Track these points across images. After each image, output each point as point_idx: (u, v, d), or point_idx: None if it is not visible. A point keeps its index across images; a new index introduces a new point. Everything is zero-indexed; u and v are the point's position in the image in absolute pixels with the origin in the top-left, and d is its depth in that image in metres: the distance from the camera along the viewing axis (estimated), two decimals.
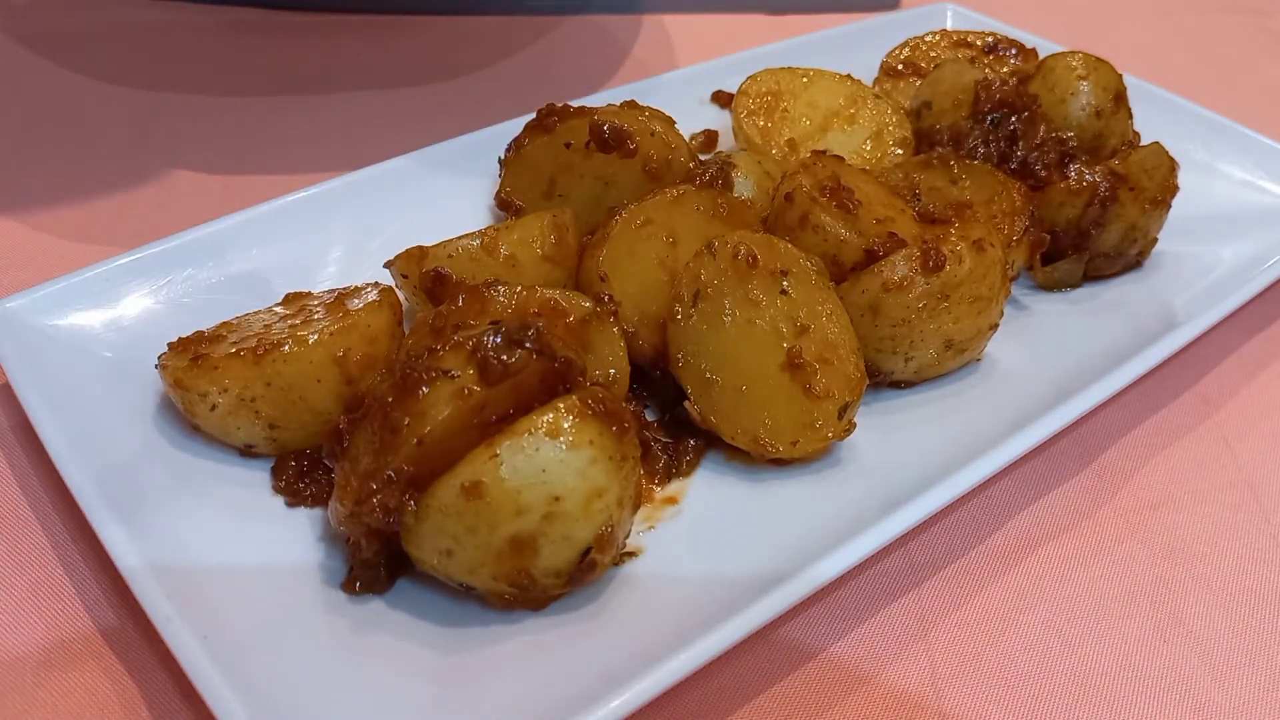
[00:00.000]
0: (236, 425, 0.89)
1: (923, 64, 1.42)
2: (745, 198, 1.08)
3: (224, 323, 0.96)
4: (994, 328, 1.04)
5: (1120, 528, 0.98)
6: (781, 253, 0.96)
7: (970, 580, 0.92)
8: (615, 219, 1.00)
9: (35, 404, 0.89)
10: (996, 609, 0.90)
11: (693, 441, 0.96)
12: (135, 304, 1.02)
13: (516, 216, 1.11)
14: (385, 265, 1.01)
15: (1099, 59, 1.25)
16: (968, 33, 1.48)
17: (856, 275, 0.99)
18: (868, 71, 1.42)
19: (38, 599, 0.85)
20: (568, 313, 0.90)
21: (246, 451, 0.91)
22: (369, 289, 0.95)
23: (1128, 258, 1.19)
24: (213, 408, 0.88)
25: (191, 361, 0.88)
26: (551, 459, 0.75)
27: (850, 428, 0.94)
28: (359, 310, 0.92)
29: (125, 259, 1.03)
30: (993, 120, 1.19)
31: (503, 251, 0.98)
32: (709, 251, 0.95)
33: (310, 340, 0.88)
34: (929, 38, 1.46)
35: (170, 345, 0.92)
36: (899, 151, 1.23)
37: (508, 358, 0.77)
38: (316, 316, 0.92)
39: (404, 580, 0.83)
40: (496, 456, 0.75)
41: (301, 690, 0.74)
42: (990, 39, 1.46)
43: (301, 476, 0.90)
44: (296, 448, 0.91)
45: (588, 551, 0.78)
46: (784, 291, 0.94)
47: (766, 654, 0.85)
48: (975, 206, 1.10)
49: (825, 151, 1.13)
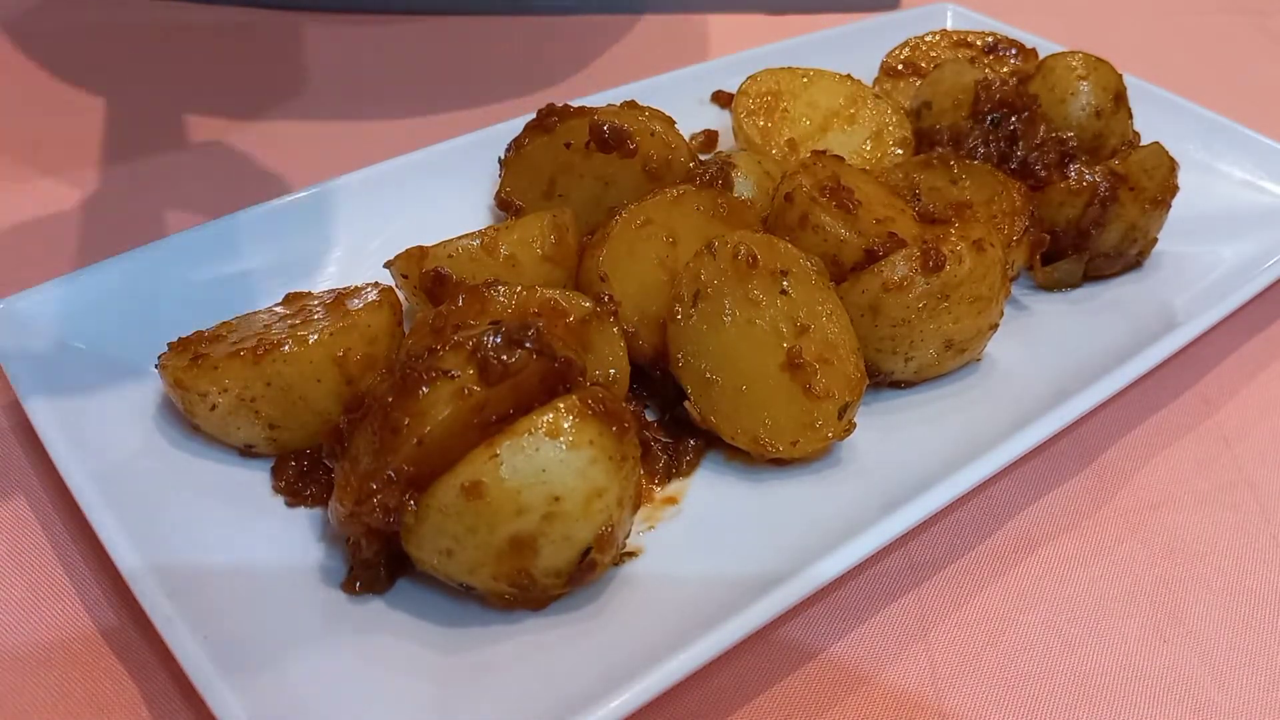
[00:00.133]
0: (236, 425, 0.89)
1: (923, 64, 1.42)
2: (745, 198, 1.08)
3: (224, 323, 0.96)
4: (994, 328, 1.04)
5: (1120, 528, 0.98)
6: (781, 253, 0.96)
7: (970, 580, 0.92)
8: (615, 219, 1.00)
9: (35, 404, 0.89)
10: (996, 609, 0.90)
11: (693, 441, 0.96)
12: (135, 304, 1.02)
13: (516, 216, 1.11)
14: (385, 265, 1.01)
15: (1099, 59, 1.25)
16: (968, 33, 1.48)
17: (856, 275, 0.99)
18: (868, 71, 1.42)
19: (38, 599, 0.85)
20: (568, 313, 0.90)
21: (246, 451, 0.91)
22: (369, 289, 0.95)
23: (1128, 258, 1.19)
24: (213, 408, 0.88)
25: (191, 361, 0.88)
26: (551, 459, 0.75)
27: (850, 428, 0.94)
28: (359, 310, 0.92)
29: (125, 259, 1.03)
30: (993, 120, 1.19)
31: (503, 251, 0.98)
32: (709, 251, 0.95)
33: (310, 340, 0.88)
34: (929, 38, 1.46)
35: (170, 345, 0.92)
36: (899, 151, 1.23)
37: (508, 358, 0.77)
38: (316, 316, 0.93)
39: (404, 580, 0.83)
40: (496, 456, 0.75)
41: (301, 690, 0.74)
42: (990, 39, 1.46)
43: (301, 476, 0.90)
44: (296, 448, 0.91)
45: (588, 551, 0.78)
46: (784, 291, 0.94)
47: (766, 654, 0.85)
48: (975, 206, 1.10)
49: (825, 151, 1.12)
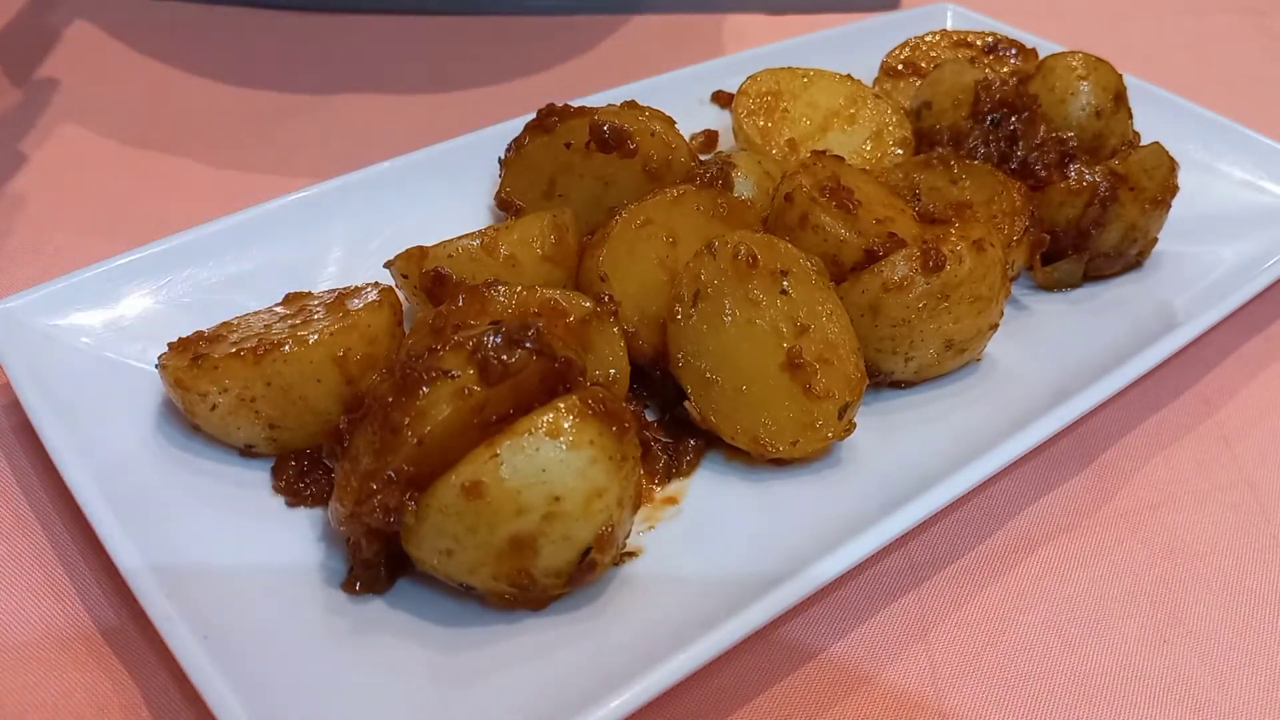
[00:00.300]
0: (236, 425, 0.89)
1: (923, 64, 1.42)
2: (745, 198, 1.08)
3: (224, 323, 0.96)
4: (994, 328, 1.04)
5: (1120, 528, 0.98)
6: (781, 253, 0.96)
7: (970, 580, 0.92)
8: (615, 219, 1.00)
9: (35, 404, 0.89)
10: (996, 609, 0.90)
11: (693, 441, 0.96)
12: (135, 304, 1.02)
13: (516, 216, 1.11)
14: (385, 265, 1.01)
15: (1099, 59, 1.24)
16: (968, 33, 1.48)
17: (856, 275, 0.99)
18: (868, 71, 1.42)
19: (38, 599, 0.85)
20: (568, 313, 0.90)
21: (246, 451, 0.91)
22: (369, 289, 0.95)
23: (1128, 258, 1.19)
24: (213, 408, 0.88)
25: (191, 361, 0.88)
26: (551, 459, 0.75)
27: (850, 428, 0.94)
28: (359, 310, 0.92)
29: (125, 259, 1.03)
30: (993, 120, 1.19)
31: (503, 251, 0.98)
32: (709, 251, 0.95)
33: (310, 340, 0.88)
34: (929, 38, 1.46)
35: (170, 345, 0.92)
36: (899, 151, 1.23)
37: (508, 358, 0.77)
38: (316, 316, 0.92)
39: (404, 580, 0.83)
40: (496, 456, 0.75)
41: (301, 690, 0.74)
42: (990, 39, 1.46)
43: (301, 476, 0.89)
44: (296, 448, 0.91)
45: (588, 551, 0.78)
46: (784, 291, 0.94)
47: (766, 654, 0.85)
48: (975, 206, 1.10)
49: (825, 151, 1.12)
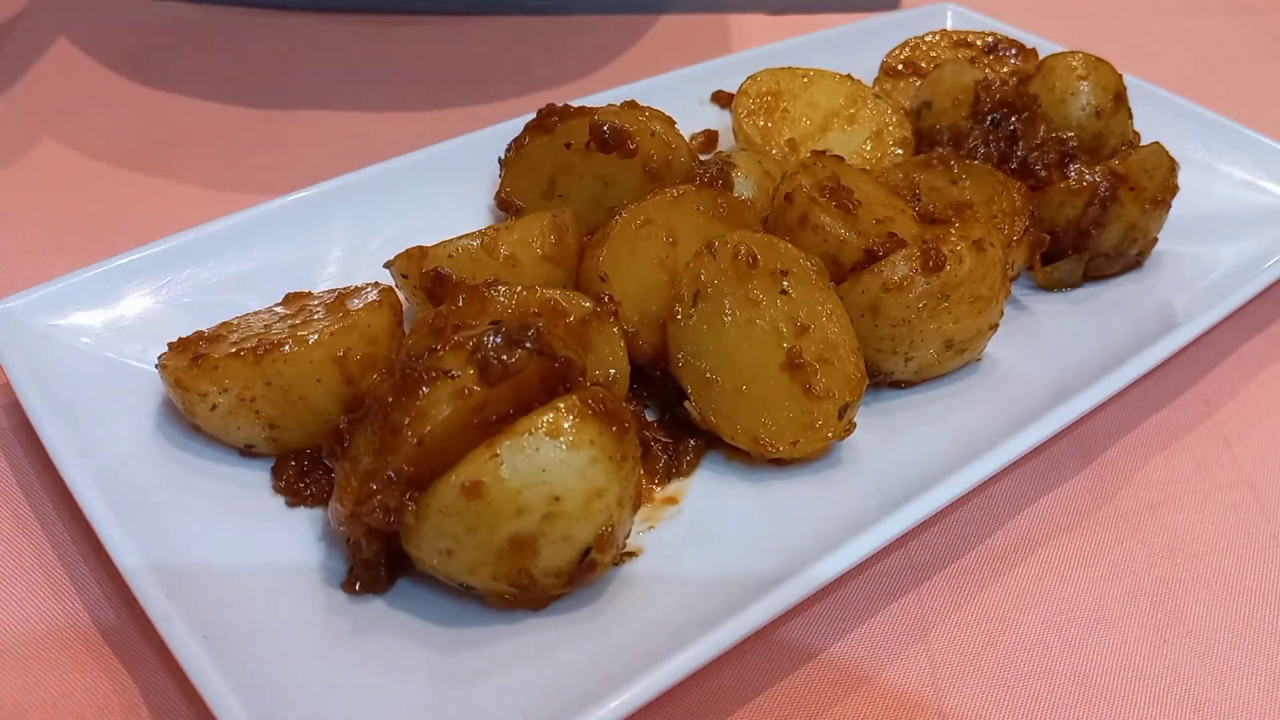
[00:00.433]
0: (236, 425, 0.89)
1: (923, 64, 1.42)
2: (745, 198, 1.08)
3: (224, 323, 0.96)
4: (994, 328, 1.04)
5: (1120, 528, 0.98)
6: (781, 253, 0.96)
7: (970, 580, 0.92)
8: (615, 219, 1.00)
9: (35, 404, 0.89)
10: (996, 609, 0.90)
11: (693, 441, 0.96)
12: (135, 304, 1.02)
13: (516, 216, 1.11)
14: (385, 265, 1.01)
15: (1099, 59, 1.24)
16: (968, 33, 1.48)
17: (856, 275, 0.99)
18: (868, 71, 1.42)
19: (38, 599, 0.85)
20: (568, 313, 0.90)
21: (246, 451, 0.91)
22: (369, 289, 0.95)
23: (1128, 258, 1.19)
24: (213, 408, 0.88)
25: (191, 361, 0.88)
26: (551, 459, 0.75)
27: (850, 428, 0.94)
28: (359, 310, 0.92)
29: (125, 259, 1.03)
30: (993, 120, 1.19)
31: (503, 251, 0.98)
32: (709, 251, 0.95)
33: (310, 340, 0.88)
34: (929, 38, 1.46)
35: (170, 345, 0.92)
36: (899, 151, 1.23)
37: (508, 358, 0.77)
38: (316, 316, 0.93)
39: (404, 580, 0.83)
40: (496, 456, 0.75)
41: (301, 690, 0.74)
42: (990, 39, 1.46)
43: (301, 476, 0.90)
44: (296, 448, 0.91)
45: (588, 551, 0.78)
46: (784, 291, 0.94)
47: (766, 654, 0.85)
48: (975, 206, 1.10)
49: (825, 151, 1.12)
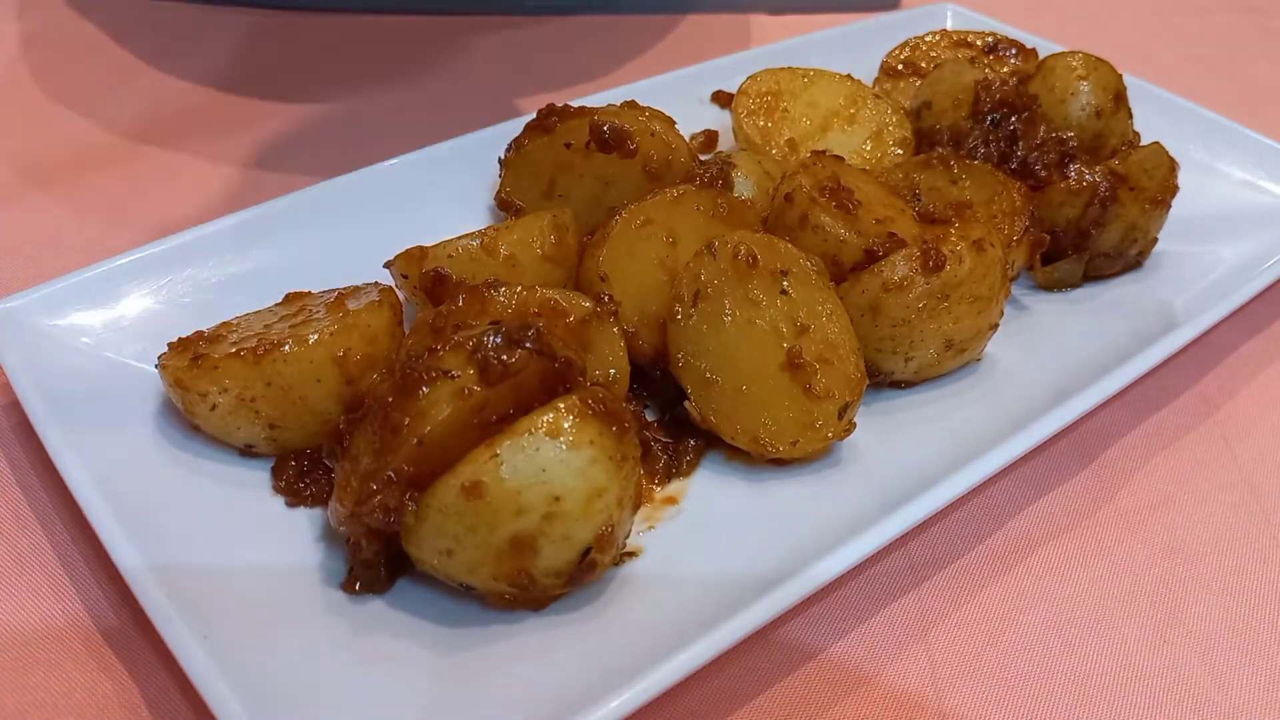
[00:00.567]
0: (236, 425, 0.89)
1: (923, 64, 1.42)
2: (745, 198, 1.08)
3: (224, 323, 0.96)
4: (994, 328, 1.04)
5: (1120, 528, 0.98)
6: (781, 253, 0.96)
7: (970, 580, 0.92)
8: (615, 219, 1.00)
9: (35, 404, 0.89)
10: (996, 609, 0.90)
11: (693, 441, 0.96)
12: (135, 304, 1.02)
13: (516, 216, 1.11)
14: (385, 265, 1.01)
15: (1099, 59, 1.24)
16: (968, 33, 1.48)
17: (856, 275, 0.99)
18: (868, 71, 1.42)
19: (38, 599, 0.85)
20: (568, 313, 0.90)
21: (246, 451, 0.91)
22: (369, 289, 0.95)
23: (1128, 258, 1.19)
24: (213, 408, 0.88)
25: (191, 361, 0.88)
26: (551, 459, 0.75)
27: (850, 428, 0.94)
28: (359, 310, 0.92)
29: (125, 259, 1.03)
30: (993, 120, 1.19)
31: (503, 251, 0.98)
32: (709, 251, 0.95)
33: (310, 340, 0.88)
34: (929, 38, 1.46)
35: (170, 345, 0.92)
36: (899, 151, 1.23)
37: (508, 358, 0.77)
38: (316, 316, 0.92)
39: (404, 580, 0.83)
40: (496, 456, 0.75)
41: (301, 690, 0.74)
42: (990, 39, 1.46)
43: (301, 476, 0.90)
44: (296, 448, 0.91)
45: (588, 551, 0.78)
46: (784, 291, 0.94)
47: (766, 654, 0.85)
48: (975, 206, 1.10)
49: (825, 151, 1.12)
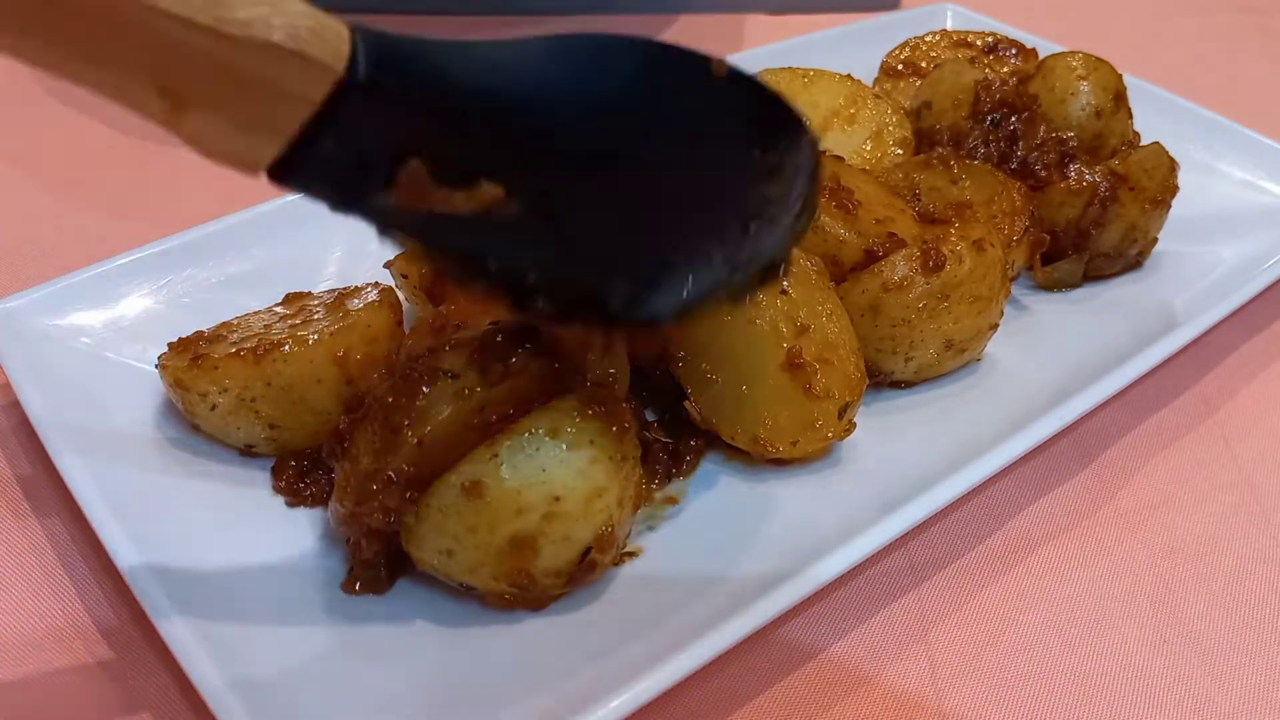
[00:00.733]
0: (236, 425, 0.89)
1: (923, 64, 1.42)
2: None
3: (224, 323, 0.96)
4: (994, 328, 1.04)
5: (1120, 528, 0.98)
6: None
7: (970, 580, 0.92)
8: None
9: (35, 404, 0.89)
10: (996, 609, 0.90)
11: (693, 441, 0.96)
12: (135, 304, 1.02)
13: None
14: (385, 265, 1.00)
15: (1099, 59, 1.24)
16: (968, 33, 1.48)
17: (856, 275, 0.99)
18: (868, 71, 1.42)
19: (38, 599, 0.85)
20: None
21: (246, 451, 0.91)
22: (369, 289, 0.95)
23: (1128, 258, 1.19)
24: (213, 408, 0.88)
25: (191, 361, 0.88)
26: (552, 459, 0.75)
27: (850, 428, 0.94)
28: (359, 310, 0.92)
29: (125, 259, 1.03)
30: (993, 120, 1.19)
31: None
32: None
33: (310, 340, 0.88)
34: (929, 38, 1.46)
35: (170, 345, 0.92)
36: (899, 151, 1.23)
37: (508, 358, 0.77)
38: (316, 316, 0.92)
39: (404, 580, 0.83)
40: (497, 456, 0.75)
41: (301, 690, 0.74)
42: (990, 39, 1.46)
43: (301, 476, 0.89)
44: (296, 448, 0.91)
45: (588, 551, 0.78)
46: (784, 291, 0.94)
47: (766, 654, 0.85)
48: (975, 206, 1.10)
49: (825, 151, 1.12)
